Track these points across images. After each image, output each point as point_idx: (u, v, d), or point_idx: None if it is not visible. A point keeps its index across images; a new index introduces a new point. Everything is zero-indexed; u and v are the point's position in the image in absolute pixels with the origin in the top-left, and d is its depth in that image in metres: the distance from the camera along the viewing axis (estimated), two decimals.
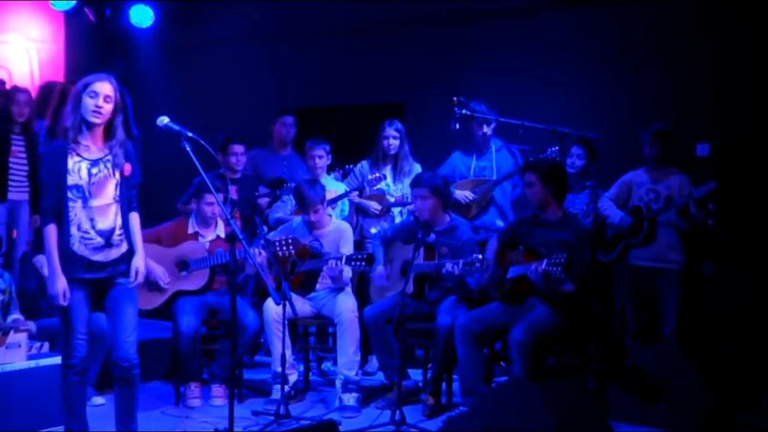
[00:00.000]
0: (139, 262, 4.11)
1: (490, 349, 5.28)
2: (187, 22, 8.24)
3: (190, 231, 5.63)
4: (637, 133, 5.65)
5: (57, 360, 4.65)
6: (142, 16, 7.92)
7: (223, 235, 5.63)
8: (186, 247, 5.53)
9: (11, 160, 6.19)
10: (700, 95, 6.37)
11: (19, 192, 6.26)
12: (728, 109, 6.27)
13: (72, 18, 7.69)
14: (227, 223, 4.77)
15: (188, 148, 4.06)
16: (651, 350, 5.15)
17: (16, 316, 4.99)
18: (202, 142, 4.07)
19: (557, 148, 5.62)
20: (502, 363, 5.66)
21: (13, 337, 4.52)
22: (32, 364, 4.57)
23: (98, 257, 4.02)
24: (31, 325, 4.93)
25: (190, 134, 4.07)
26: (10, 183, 6.21)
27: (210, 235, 5.65)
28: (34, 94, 6.51)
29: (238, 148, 6.32)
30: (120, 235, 4.07)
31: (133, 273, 4.08)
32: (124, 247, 4.09)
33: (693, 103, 6.37)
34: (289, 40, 8.01)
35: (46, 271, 5.21)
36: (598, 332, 5.63)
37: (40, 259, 5.29)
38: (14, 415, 4.43)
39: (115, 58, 8.13)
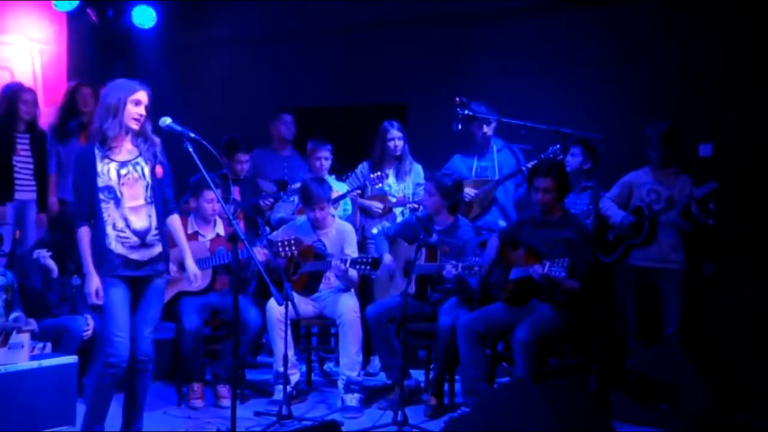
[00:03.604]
0: (191, 266, 4.38)
1: (492, 350, 5.28)
2: (190, 22, 8.23)
3: (190, 231, 5.60)
4: (643, 132, 5.63)
5: (59, 360, 4.68)
6: (144, 17, 7.91)
7: (222, 233, 5.63)
8: None
9: (15, 159, 6.19)
10: (702, 95, 6.36)
11: (25, 191, 6.26)
12: (731, 109, 6.26)
13: (74, 18, 7.68)
14: (229, 224, 4.79)
15: (190, 149, 4.08)
16: (653, 351, 5.15)
17: (17, 314, 4.99)
18: (205, 143, 4.09)
19: (558, 146, 5.64)
20: (504, 364, 5.66)
21: (15, 337, 4.52)
22: (35, 364, 4.56)
23: (135, 256, 4.11)
24: (33, 324, 4.93)
25: (192, 135, 4.10)
26: (16, 183, 6.20)
27: (210, 234, 5.64)
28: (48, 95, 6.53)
29: (243, 157, 6.21)
30: (155, 235, 4.17)
31: (192, 278, 4.38)
32: (160, 248, 4.19)
33: (696, 103, 6.36)
34: (292, 40, 8.01)
35: (49, 263, 5.26)
36: (600, 333, 5.63)
37: (39, 253, 5.30)
38: (17, 415, 4.42)
39: (117, 58, 8.13)
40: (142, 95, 4.09)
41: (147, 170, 4.13)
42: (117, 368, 4.06)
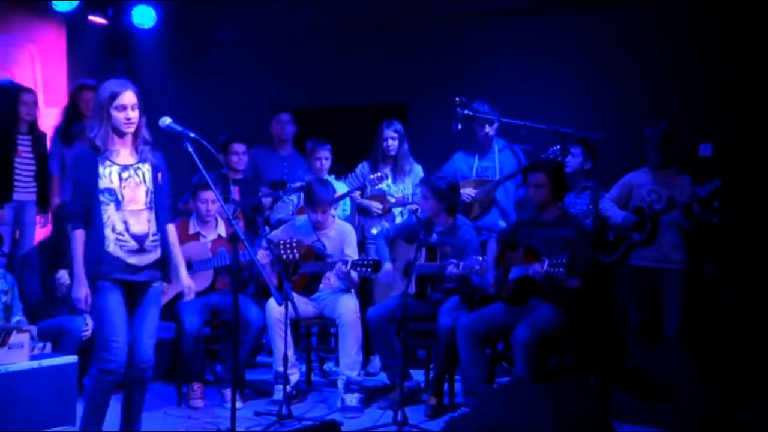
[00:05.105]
0: (185, 279, 4.29)
1: (492, 350, 5.28)
2: (190, 22, 8.23)
3: (192, 231, 5.62)
4: (642, 133, 5.63)
5: (59, 360, 4.68)
6: (144, 17, 7.90)
7: (224, 235, 5.63)
8: (189, 249, 5.51)
9: (17, 160, 6.24)
10: (702, 95, 6.36)
11: (25, 192, 6.31)
12: (731, 109, 6.26)
13: (74, 19, 7.69)
14: (229, 223, 4.78)
15: (190, 149, 4.07)
16: (653, 350, 5.15)
17: (19, 317, 4.99)
18: (204, 143, 4.08)
19: (558, 147, 5.64)
20: (504, 363, 5.66)
21: (15, 337, 4.51)
22: (35, 364, 4.55)
23: (133, 260, 4.05)
24: (33, 329, 4.92)
25: (192, 135, 4.08)
26: (15, 183, 6.24)
27: (211, 235, 5.65)
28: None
29: (239, 147, 6.29)
30: (154, 241, 4.10)
31: (186, 290, 4.30)
32: (158, 253, 4.13)
33: (696, 103, 6.36)
34: (292, 40, 8.02)
35: (65, 285, 5.24)
36: (600, 333, 5.63)
37: (63, 276, 5.27)
38: (17, 415, 4.41)
39: (117, 58, 8.14)
40: (126, 98, 3.97)
41: (149, 176, 4.08)
42: (115, 374, 4.01)
